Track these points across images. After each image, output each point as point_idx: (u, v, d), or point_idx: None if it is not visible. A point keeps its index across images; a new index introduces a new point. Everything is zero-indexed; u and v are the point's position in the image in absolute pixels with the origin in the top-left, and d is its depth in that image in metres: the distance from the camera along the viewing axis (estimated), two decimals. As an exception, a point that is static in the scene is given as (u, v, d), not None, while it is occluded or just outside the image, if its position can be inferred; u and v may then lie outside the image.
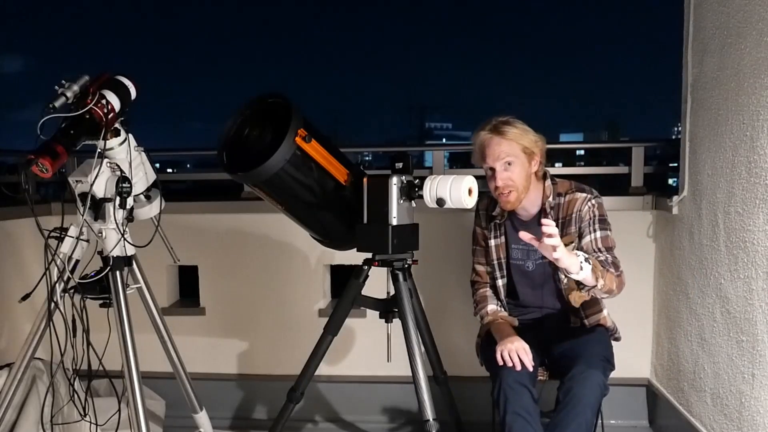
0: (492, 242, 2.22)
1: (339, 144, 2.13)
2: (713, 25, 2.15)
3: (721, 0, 2.09)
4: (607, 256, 2.02)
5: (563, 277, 2.11)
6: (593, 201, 2.08)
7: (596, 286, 1.90)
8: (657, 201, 2.72)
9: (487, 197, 2.25)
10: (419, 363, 1.93)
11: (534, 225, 2.10)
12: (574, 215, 2.08)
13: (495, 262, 2.22)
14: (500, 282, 2.23)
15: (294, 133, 1.78)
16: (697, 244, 2.30)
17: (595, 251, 2.03)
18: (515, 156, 2.02)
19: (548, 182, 2.12)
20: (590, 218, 2.07)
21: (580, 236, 2.08)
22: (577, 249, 2.04)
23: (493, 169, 2.04)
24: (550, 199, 2.10)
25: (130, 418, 1.78)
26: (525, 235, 1.83)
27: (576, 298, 2.08)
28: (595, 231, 2.06)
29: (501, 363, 1.94)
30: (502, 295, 2.23)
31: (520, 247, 2.18)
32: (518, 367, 1.92)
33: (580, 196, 2.09)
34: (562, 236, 2.03)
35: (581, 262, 1.84)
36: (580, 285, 1.94)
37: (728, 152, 2.05)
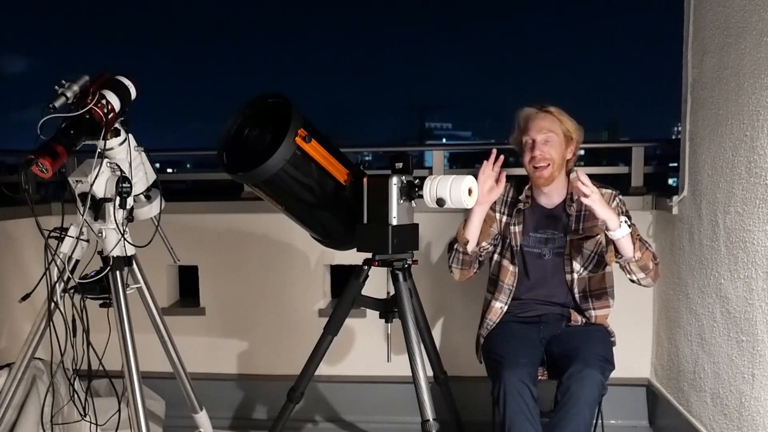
0: (511, 228, 2.24)
1: (339, 144, 2.13)
2: (713, 25, 2.15)
3: (721, 0, 2.09)
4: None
5: (578, 267, 2.18)
6: (620, 198, 2.20)
7: (633, 257, 1.99)
8: (657, 201, 2.72)
9: (507, 184, 2.26)
10: (419, 363, 1.93)
11: (557, 213, 2.20)
12: None
13: (514, 249, 2.23)
14: (511, 268, 2.24)
15: (294, 133, 1.78)
16: (697, 244, 2.30)
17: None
18: (555, 133, 2.12)
19: (573, 174, 2.19)
20: (619, 213, 2.13)
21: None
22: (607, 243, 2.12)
23: (533, 141, 2.11)
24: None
25: (130, 418, 1.77)
26: (582, 175, 1.97)
27: (611, 258, 2.08)
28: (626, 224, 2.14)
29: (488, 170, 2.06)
30: (513, 284, 2.24)
31: (538, 234, 2.22)
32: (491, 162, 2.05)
33: (606, 191, 2.18)
34: (586, 227, 2.15)
35: (621, 221, 1.95)
36: (617, 254, 2.02)
37: (728, 152, 2.05)
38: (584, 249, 2.16)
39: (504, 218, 2.26)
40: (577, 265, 2.19)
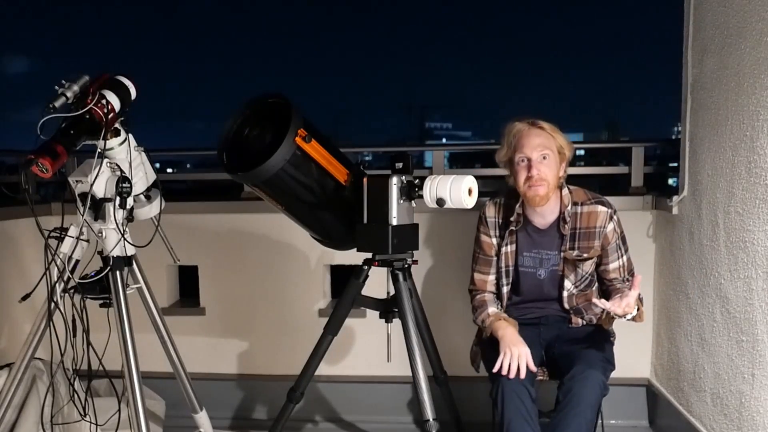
0: (503, 249, 2.17)
1: (339, 144, 2.13)
2: (713, 25, 2.15)
3: (721, 0, 2.09)
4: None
5: (569, 285, 2.16)
6: (616, 217, 2.13)
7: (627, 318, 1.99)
8: (657, 201, 2.72)
9: (494, 204, 2.21)
10: (419, 363, 1.94)
11: (551, 233, 2.13)
12: (597, 230, 2.10)
13: (503, 269, 2.18)
14: (505, 290, 2.21)
15: (294, 133, 1.78)
16: (697, 244, 2.30)
17: (624, 280, 2.13)
18: (551, 151, 2.03)
19: (565, 191, 2.12)
20: (616, 239, 2.12)
21: (607, 256, 2.13)
22: (603, 269, 2.16)
23: (528, 160, 2.02)
24: (569, 207, 2.10)
25: (130, 418, 1.78)
26: (604, 304, 1.90)
27: (606, 323, 2.15)
28: (622, 256, 2.15)
29: (502, 371, 1.92)
30: (504, 302, 2.22)
31: (532, 254, 2.16)
32: (512, 375, 1.91)
33: (602, 210, 2.10)
34: (581, 246, 2.11)
35: (629, 316, 1.94)
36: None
37: (728, 152, 2.05)
38: (579, 269, 2.13)
39: (496, 240, 2.20)
40: (568, 284, 2.15)
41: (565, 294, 2.16)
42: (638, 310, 1.98)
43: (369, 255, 2.05)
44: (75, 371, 1.84)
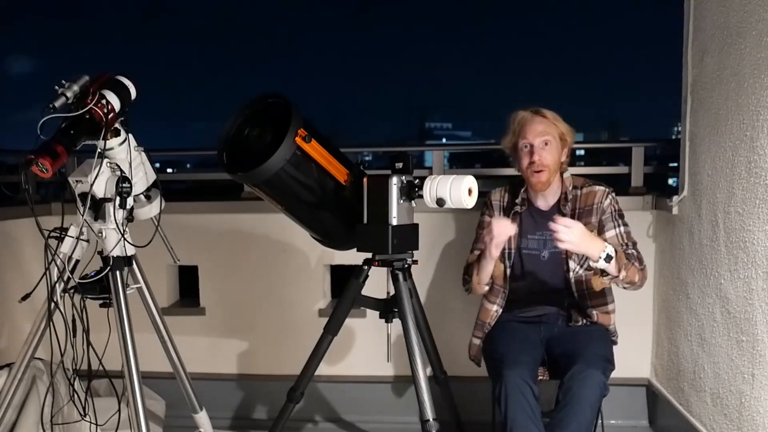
0: None
1: (339, 144, 2.13)
2: (713, 25, 2.15)
3: (721, 0, 2.09)
4: (634, 251, 2.13)
5: (574, 266, 2.18)
6: (612, 195, 2.19)
7: (618, 276, 2.00)
8: (657, 201, 2.72)
9: (501, 189, 2.32)
10: (419, 363, 1.93)
11: (553, 213, 2.16)
12: (595, 206, 2.17)
13: (505, 252, 2.21)
14: (507, 272, 2.23)
15: (294, 133, 1.78)
16: (697, 244, 2.30)
17: (622, 245, 2.13)
18: (553, 137, 2.12)
19: (567, 174, 2.22)
20: (612, 212, 2.17)
21: (602, 229, 2.14)
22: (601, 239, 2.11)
23: (530, 146, 2.11)
24: (570, 188, 2.19)
25: (130, 418, 1.77)
26: (559, 219, 1.92)
27: (597, 284, 2.13)
28: (619, 226, 2.17)
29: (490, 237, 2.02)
30: (506, 286, 2.23)
31: (536, 236, 2.21)
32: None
33: (599, 189, 2.19)
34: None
35: (603, 254, 1.93)
36: (603, 272, 2.01)
37: (728, 152, 2.05)
38: None
39: None
40: (573, 264, 2.18)
41: (572, 275, 2.17)
42: (618, 263, 1.97)
43: (369, 255, 2.05)
44: (75, 371, 1.84)
